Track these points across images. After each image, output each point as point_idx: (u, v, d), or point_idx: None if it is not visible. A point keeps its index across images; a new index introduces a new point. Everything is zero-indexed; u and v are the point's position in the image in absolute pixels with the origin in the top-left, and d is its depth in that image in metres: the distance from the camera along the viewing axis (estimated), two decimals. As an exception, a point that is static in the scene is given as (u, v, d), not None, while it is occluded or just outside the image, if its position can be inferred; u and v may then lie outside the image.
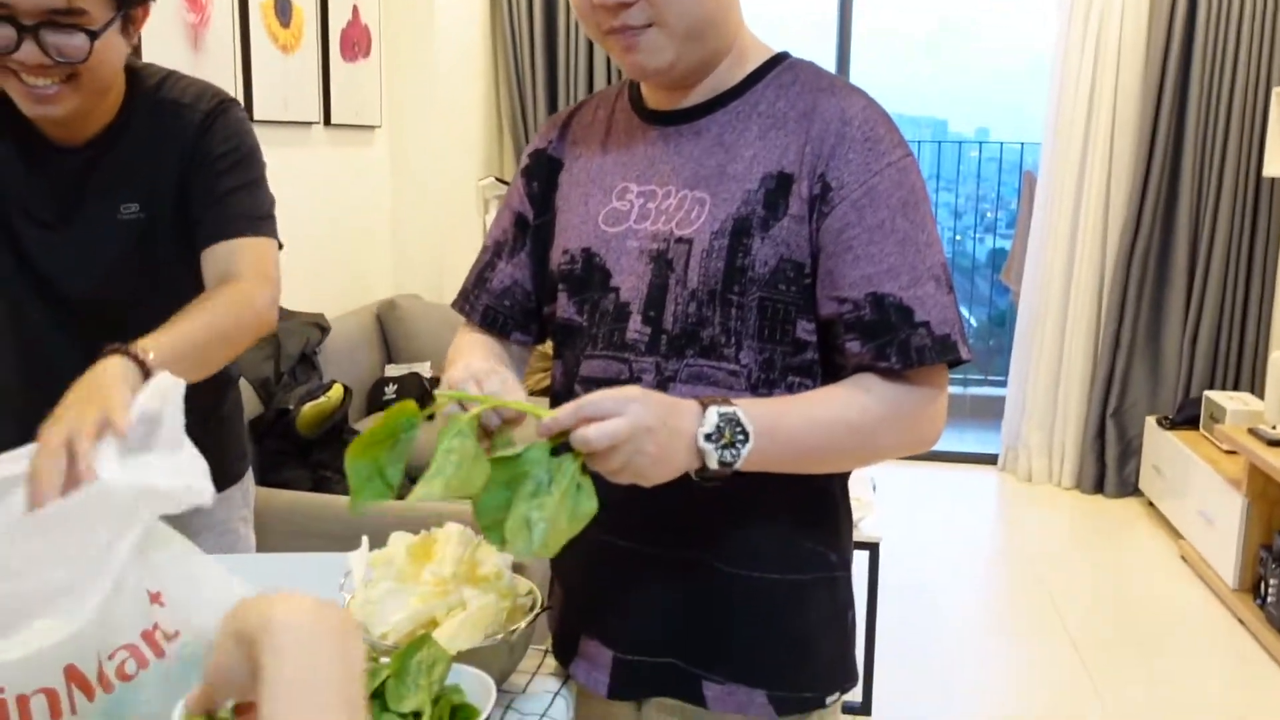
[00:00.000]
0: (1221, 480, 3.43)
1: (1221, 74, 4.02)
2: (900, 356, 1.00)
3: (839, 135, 1.03)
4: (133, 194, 1.41)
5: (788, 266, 1.04)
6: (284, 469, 2.59)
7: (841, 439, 1.02)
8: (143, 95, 1.41)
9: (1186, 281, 4.20)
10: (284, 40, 3.15)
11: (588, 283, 1.12)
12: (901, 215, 1.02)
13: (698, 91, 1.10)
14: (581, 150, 1.18)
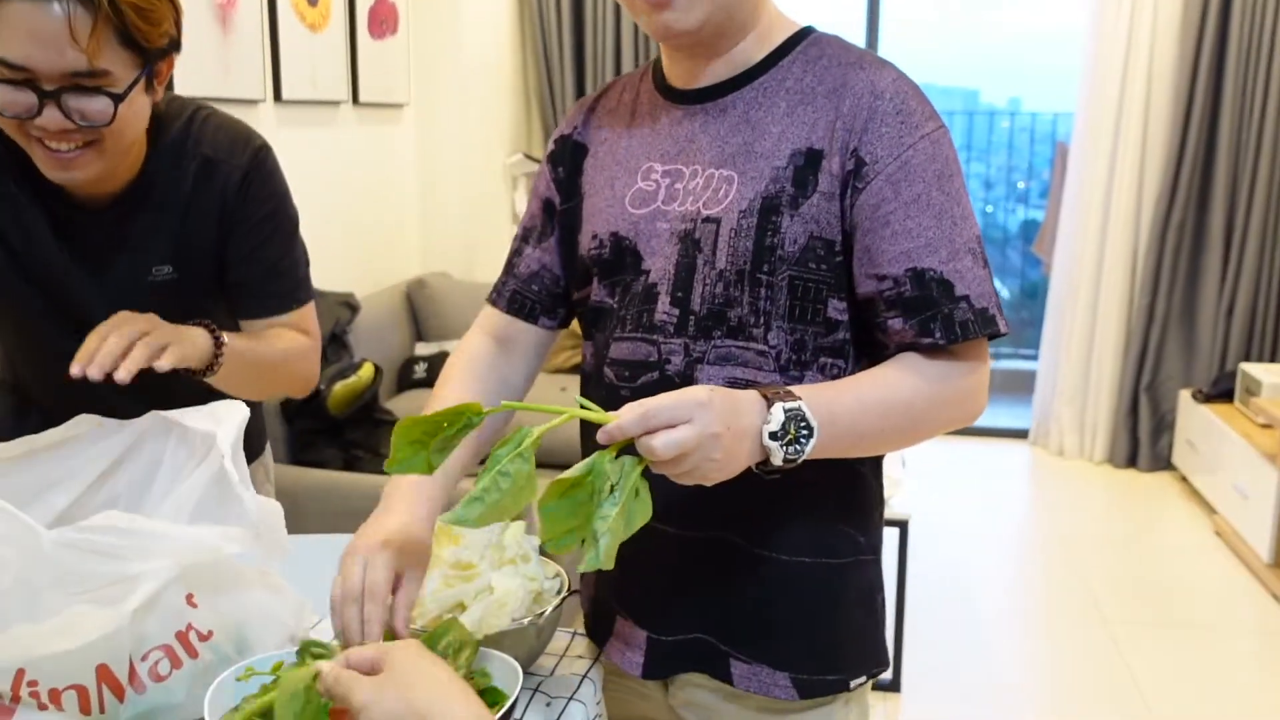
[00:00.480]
0: (1257, 454, 3.39)
1: (1261, 39, 3.94)
2: (945, 331, 1.00)
3: (870, 110, 1.02)
4: (164, 255, 1.36)
5: (818, 244, 1.03)
6: (316, 448, 2.62)
7: (895, 420, 1.02)
8: (169, 147, 1.34)
9: (1222, 252, 4.14)
10: (312, 19, 3.16)
11: (619, 266, 1.12)
12: (937, 188, 1.01)
13: (722, 68, 1.09)
14: (607, 134, 1.18)
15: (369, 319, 3.22)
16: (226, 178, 1.36)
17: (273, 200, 1.41)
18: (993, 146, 6.82)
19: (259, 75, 2.89)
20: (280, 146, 3.15)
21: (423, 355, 3.40)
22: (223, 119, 1.40)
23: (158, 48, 1.22)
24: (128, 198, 1.34)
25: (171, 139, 1.34)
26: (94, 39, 1.14)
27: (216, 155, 1.36)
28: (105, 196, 1.33)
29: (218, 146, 1.36)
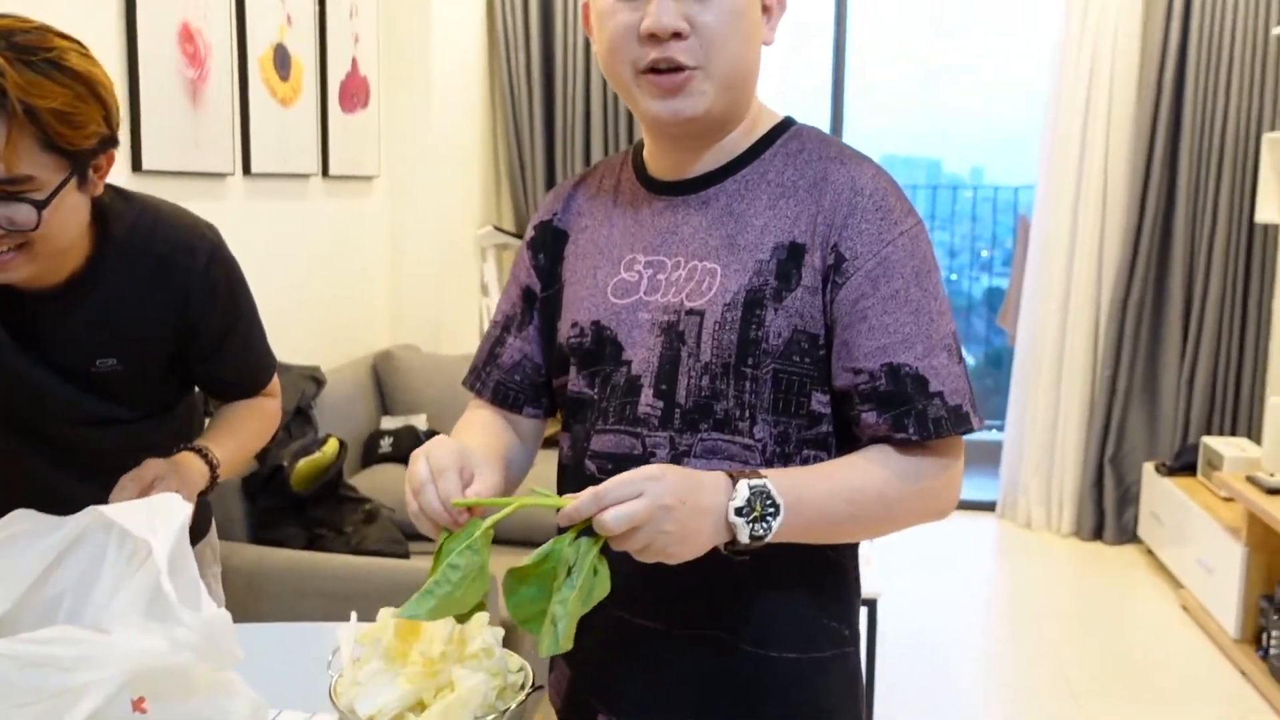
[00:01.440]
0: (1220, 528, 3.41)
1: (1213, 120, 4.05)
2: (918, 427, 1.01)
3: (851, 205, 1.03)
4: (110, 348, 1.35)
5: (802, 338, 1.04)
6: (278, 527, 2.58)
7: (865, 510, 1.02)
8: (116, 243, 1.33)
9: (1182, 326, 4.21)
10: (283, 94, 3.18)
11: (598, 356, 1.11)
12: (915, 284, 1.03)
13: (705, 160, 1.10)
14: (587, 222, 1.18)
15: (334, 393, 3.19)
16: (186, 275, 1.36)
17: (232, 297, 1.44)
18: (956, 216, 6.93)
19: (228, 149, 2.89)
20: (248, 219, 3.16)
21: (388, 429, 3.37)
22: (172, 214, 1.40)
23: (85, 149, 1.21)
24: (73, 290, 1.33)
25: (122, 234, 1.34)
26: (9, 147, 1.13)
27: (173, 254, 1.36)
28: (51, 288, 1.32)
29: (174, 244, 1.36)
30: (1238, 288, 4.12)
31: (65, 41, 1.22)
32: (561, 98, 4.39)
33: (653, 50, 1.01)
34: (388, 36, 3.88)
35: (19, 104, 1.12)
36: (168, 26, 2.60)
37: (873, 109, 6.36)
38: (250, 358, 1.51)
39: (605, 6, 1.04)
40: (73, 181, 1.21)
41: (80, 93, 1.19)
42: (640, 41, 1.01)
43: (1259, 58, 3.97)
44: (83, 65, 1.21)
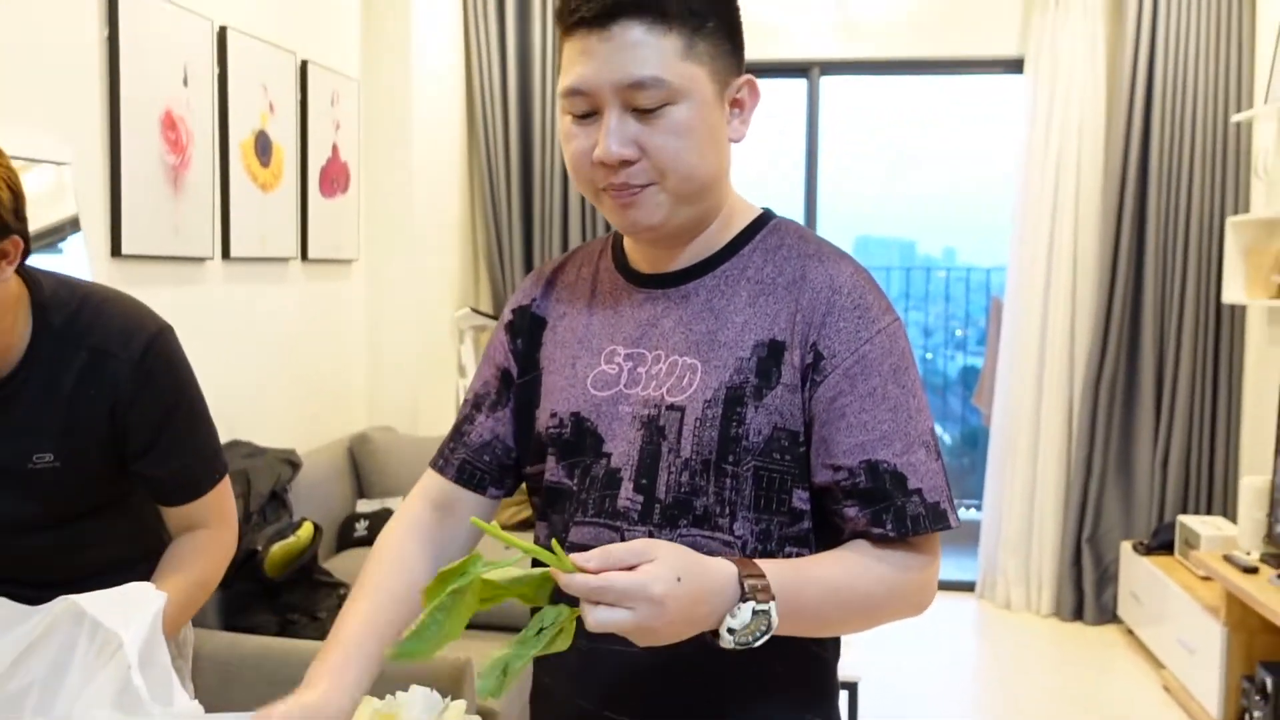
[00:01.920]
0: (1200, 608, 3.41)
1: (1177, 204, 4.15)
2: (896, 524, 1.01)
3: (829, 304, 1.05)
4: (47, 443, 1.34)
5: (782, 435, 1.04)
6: (251, 613, 2.54)
7: (854, 608, 1.02)
8: (53, 335, 1.33)
9: (1154, 405, 4.25)
10: (264, 179, 3.21)
11: (578, 447, 1.11)
12: (893, 381, 1.04)
13: (685, 254, 1.11)
14: (566, 309, 1.18)
15: (310, 476, 3.17)
16: (117, 370, 1.33)
17: (170, 391, 1.39)
18: (931, 295, 7.03)
19: (208, 234, 2.91)
20: (227, 303, 3.17)
21: (364, 513, 3.34)
22: (117, 306, 1.38)
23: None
24: (9, 383, 1.31)
25: (58, 326, 1.32)
26: None
27: (106, 346, 1.33)
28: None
29: (108, 337, 1.34)
30: (1208, 367, 4.18)
31: None
32: (539, 181, 4.45)
33: (607, 175, 1.03)
34: (368, 122, 3.94)
35: None
36: (151, 114, 2.64)
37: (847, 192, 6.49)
38: (188, 458, 1.43)
39: (566, 129, 1.06)
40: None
41: None
42: (594, 166, 1.03)
43: (1219, 145, 4.09)
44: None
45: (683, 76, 1.01)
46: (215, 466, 1.46)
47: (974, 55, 4.45)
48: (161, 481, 1.42)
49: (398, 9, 3.91)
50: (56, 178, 2.33)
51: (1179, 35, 4.08)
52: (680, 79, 1.01)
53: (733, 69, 1.08)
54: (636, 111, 1.01)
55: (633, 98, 1.00)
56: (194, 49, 2.81)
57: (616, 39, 1.00)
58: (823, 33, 4.46)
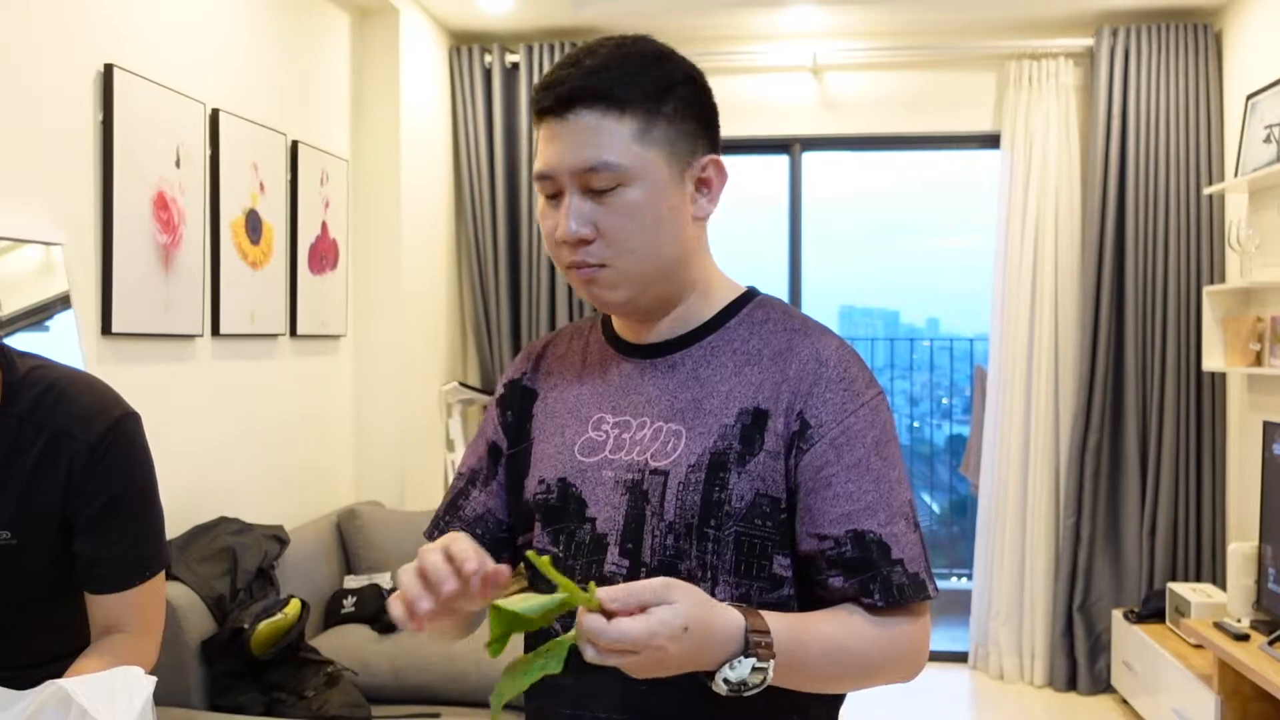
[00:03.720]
0: (1192, 676, 3.39)
1: (1154, 275, 4.22)
2: (883, 593, 1.03)
3: (816, 375, 1.08)
4: (4, 521, 1.35)
5: (764, 501, 1.06)
6: (237, 692, 2.50)
7: (847, 669, 1.04)
8: (19, 415, 1.36)
9: (1140, 472, 4.27)
10: (254, 257, 3.24)
11: (563, 513, 1.13)
12: (876, 454, 1.07)
13: (667, 326, 1.15)
14: (556, 381, 1.21)
15: (297, 552, 3.15)
16: (74, 453, 1.35)
17: (121, 474, 1.39)
18: (915, 365, 7.08)
19: (198, 311, 2.94)
20: (215, 378, 3.18)
21: (352, 588, 3.31)
22: (84, 389, 1.40)
23: None
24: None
25: (23, 408, 1.35)
26: None
27: (68, 428, 1.36)
28: None
29: (70, 420, 1.36)
30: (1191, 434, 4.21)
31: None
32: (526, 256, 4.50)
33: (570, 253, 1.08)
34: (358, 201, 3.99)
35: None
36: (143, 195, 2.67)
37: (830, 264, 6.57)
38: (124, 544, 1.40)
39: (540, 207, 1.12)
40: None
41: None
42: (558, 245, 1.09)
43: (1193, 216, 4.17)
44: None
45: (636, 160, 1.05)
46: (151, 561, 1.43)
47: (951, 131, 4.55)
48: (91, 562, 1.39)
49: (386, 90, 3.99)
50: (45, 256, 2.35)
51: (1150, 111, 4.19)
52: (633, 162, 1.05)
53: (698, 148, 1.11)
54: (594, 193, 1.06)
55: (587, 180, 1.06)
56: (187, 131, 2.86)
57: (573, 125, 1.06)
58: (804, 110, 4.56)
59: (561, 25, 4.40)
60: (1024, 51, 4.34)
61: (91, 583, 1.40)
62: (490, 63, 4.47)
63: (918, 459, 7.37)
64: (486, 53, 4.47)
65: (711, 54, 4.45)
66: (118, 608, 1.39)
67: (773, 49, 4.50)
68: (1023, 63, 4.34)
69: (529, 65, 4.43)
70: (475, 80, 4.46)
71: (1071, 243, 4.33)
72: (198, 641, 2.52)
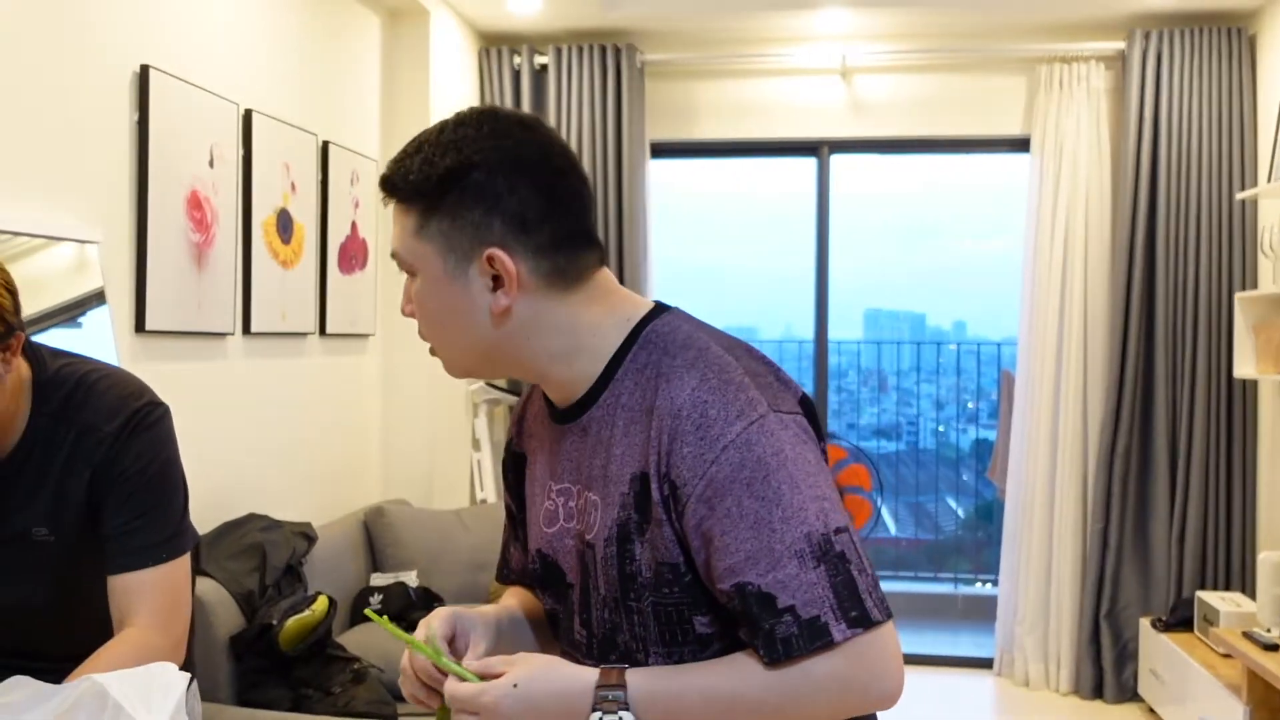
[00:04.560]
0: (1221, 686, 3.36)
1: (1184, 280, 4.18)
2: (767, 649, 0.96)
3: (673, 431, 1.00)
4: (41, 518, 1.39)
5: (665, 569, 1.02)
6: (264, 687, 2.53)
7: (742, 712, 0.99)
8: (49, 416, 1.39)
9: (1169, 479, 4.23)
10: (284, 256, 3.27)
11: (552, 580, 1.15)
12: (749, 495, 0.97)
13: (567, 388, 1.10)
14: (534, 444, 1.21)
15: (325, 549, 3.18)
16: (97, 444, 1.39)
17: (143, 456, 1.41)
18: (942, 369, 7.05)
19: (230, 310, 2.97)
20: (246, 377, 3.22)
21: (378, 586, 3.33)
22: (110, 383, 1.43)
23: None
24: (10, 461, 1.38)
25: (55, 405, 1.39)
26: None
27: (94, 422, 1.39)
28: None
29: (97, 413, 1.40)
30: (1221, 441, 4.17)
31: None
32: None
33: None
34: (387, 201, 4.01)
35: None
36: (177, 194, 2.71)
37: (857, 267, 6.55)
38: (142, 521, 1.41)
39: None
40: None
41: None
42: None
43: (1225, 222, 4.13)
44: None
45: (413, 254, 1.06)
46: (165, 546, 1.42)
47: (981, 135, 4.53)
48: (108, 539, 1.40)
49: (416, 91, 4.01)
50: (80, 253, 2.38)
51: (1182, 115, 4.16)
52: (412, 256, 1.07)
53: (486, 240, 1.03)
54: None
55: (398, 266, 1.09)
56: (220, 131, 2.90)
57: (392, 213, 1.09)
58: (832, 112, 4.56)
59: (590, 27, 4.41)
60: (1055, 55, 4.32)
61: (109, 563, 1.40)
62: (519, 64, 4.49)
63: (943, 464, 7.34)
64: (515, 54, 4.49)
65: (741, 56, 4.45)
66: (131, 592, 1.38)
67: (802, 51, 4.50)
68: (1053, 66, 4.31)
69: (558, 67, 4.45)
70: (504, 82, 4.48)
71: (1101, 247, 4.30)
72: (227, 637, 2.55)
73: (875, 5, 4.13)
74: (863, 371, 6.90)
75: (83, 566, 1.42)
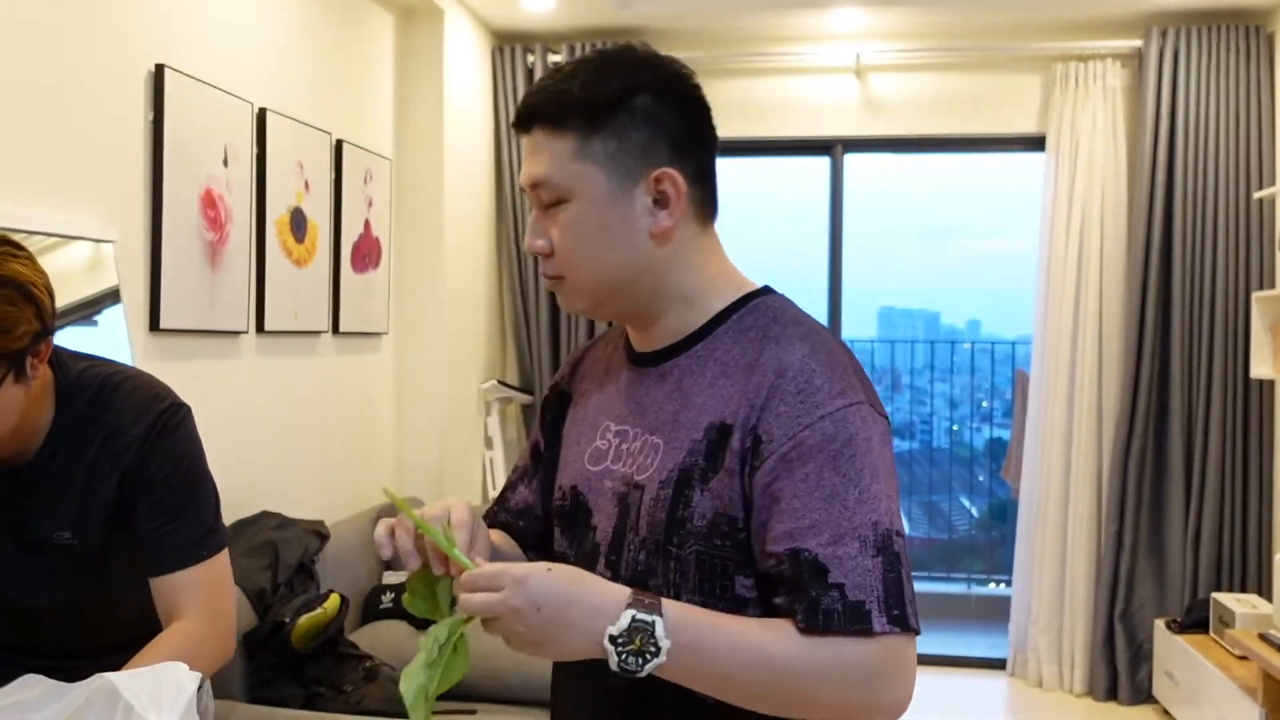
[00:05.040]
0: (1236, 688, 3.34)
1: (1201, 279, 4.15)
2: (807, 615, 0.96)
3: (772, 388, 1.03)
4: (64, 521, 1.39)
5: (723, 521, 1.03)
6: (276, 685, 2.54)
7: (766, 675, 0.96)
8: (74, 419, 1.40)
9: (1184, 480, 4.21)
10: (298, 255, 3.28)
11: (574, 519, 1.16)
12: (831, 469, 0.99)
13: (660, 334, 1.13)
14: (587, 386, 1.24)
15: (337, 547, 3.18)
16: (125, 447, 1.40)
17: (170, 462, 1.42)
18: (956, 367, 7.03)
19: (243, 308, 2.98)
20: (259, 376, 3.23)
21: (390, 584, 3.34)
22: (134, 385, 1.44)
23: (18, 349, 1.27)
24: (34, 464, 1.38)
25: (80, 409, 1.40)
26: None
27: (119, 426, 1.40)
28: (12, 462, 1.37)
29: (123, 415, 1.40)
30: (1237, 442, 4.14)
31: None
32: (567, 256, 4.51)
33: (540, 263, 1.14)
34: (400, 200, 4.02)
35: None
36: (191, 193, 2.71)
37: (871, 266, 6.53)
38: (177, 524, 1.43)
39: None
40: (9, 377, 1.27)
41: (11, 297, 1.25)
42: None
43: (1242, 221, 4.10)
44: (15, 271, 1.27)
45: (571, 177, 1.07)
46: (204, 543, 1.45)
47: (995, 133, 4.50)
48: (147, 545, 1.42)
49: (429, 90, 4.02)
50: (95, 252, 2.39)
51: (1199, 113, 4.13)
52: (568, 179, 1.07)
53: (653, 161, 1.07)
54: (547, 208, 1.09)
55: (537, 196, 1.09)
56: (234, 130, 2.91)
57: (529, 142, 1.10)
58: (846, 111, 4.54)
59: (604, 25, 4.41)
60: (1070, 53, 4.29)
61: (150, 566, 1.42)
62: (533, 63, 4.49)
63: (956, 463, 7.31)
64: (529, 52, 4.49)
65: (754, 55, 4.44)
66: (177, 591, 1.41)
67: (816, 50, 4.48)
68: (1069, 64, 4.29)
69: (571, 65, 4.44)
70: (518, 80, 4.48)
71: (1117, 246, 4.28)
72: (239, 635, 2.56)
73: (889, 4, 4.11)
74: (876, 370, 6.89)
75: (104, 570, 1.43)
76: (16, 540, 1.40)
